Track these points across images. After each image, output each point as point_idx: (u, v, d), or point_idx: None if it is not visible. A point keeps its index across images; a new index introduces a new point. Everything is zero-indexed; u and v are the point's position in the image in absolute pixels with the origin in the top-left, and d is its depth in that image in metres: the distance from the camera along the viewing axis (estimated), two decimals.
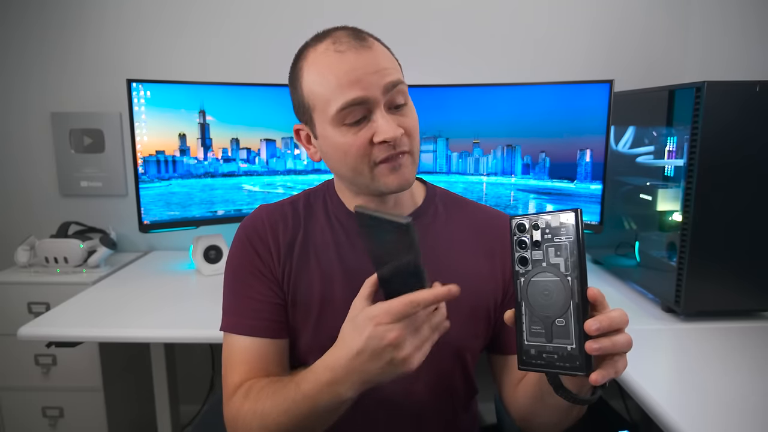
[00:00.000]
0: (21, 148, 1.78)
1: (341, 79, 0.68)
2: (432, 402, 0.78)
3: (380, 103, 0.69)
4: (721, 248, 1.15)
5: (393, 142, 0.69)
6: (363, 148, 0.70)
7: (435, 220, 0.81)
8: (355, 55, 0.68)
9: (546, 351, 0.54)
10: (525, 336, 0.56)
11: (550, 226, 0.55)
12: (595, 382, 0.52)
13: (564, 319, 0.53)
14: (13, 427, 1.53)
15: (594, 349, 0.51)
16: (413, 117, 0.73)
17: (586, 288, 0.53)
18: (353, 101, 0.68)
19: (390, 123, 0.69)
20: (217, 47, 1.75)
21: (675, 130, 1.24)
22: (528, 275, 0.56)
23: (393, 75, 0.70)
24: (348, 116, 0.69)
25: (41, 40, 1.73)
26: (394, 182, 0.72)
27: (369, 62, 0.68)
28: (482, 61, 1.74)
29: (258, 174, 1.59)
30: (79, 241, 1.59)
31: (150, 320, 1.21)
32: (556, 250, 0.54)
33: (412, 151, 0.73)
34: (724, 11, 1.60)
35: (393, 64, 0.72)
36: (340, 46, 0.69)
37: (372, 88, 0.68)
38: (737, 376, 0.95)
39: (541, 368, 0.55)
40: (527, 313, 0.56)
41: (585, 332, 0.52)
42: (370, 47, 0.70)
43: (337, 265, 0.77)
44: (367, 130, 0.69)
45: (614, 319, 0.52)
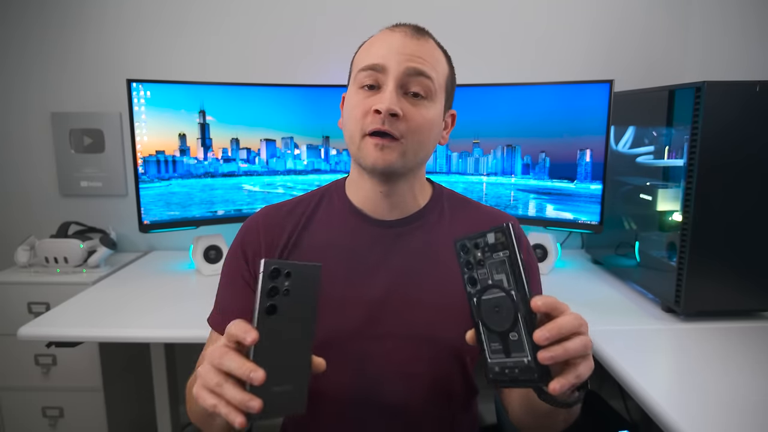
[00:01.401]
0: (21, 148, 1.78)
1: (376, 46, 0.74)
2: (431, 403, 0.78)
3: (394, 78, 0.71)
4: (721, 248, 1.15)
5: (383, 116, 0.70)
6: (363, 113, 0.72)
7: (440, 221, 0.81)
8: (402, 37, 0.73)
9: (507, 366, 0.54)
10: (487, 354, 0.56)
11: (487, 243, 0.55)
12: (554, 392, 0.51)
13: (516, 333, 0.53)
14: (13, 427, 1.53)
15: (546, 359, 0.51)
16: (424, 115, 0.73)
17: (530, 299, 0.53)
18: (370, 65, 0.72)
19: (392, 98, 0.70)
20: (217, 47, 1.75)
21: (675, 130, 1.24)
22: (478, 294, 0.56)
23: (422, 65, 0.72)
24: (365, 78, 0.73)
25: (41, 39, 1.73)
26: (370, 157, 0.72)
27: (407, 46, 0.72)
28: (482, 61, 1.74)
29: (258, 174, 1.59)
30: (79, 241, 1.59)
31: (150, 320, 1.21)
32: (497, 267, 0.55)
33: (405, 140, 0.72)
34: (724, 11, 1.60)
35: (433, 61, 0.74)
36: (396, 28, 0.75)
37: (393, 63, 0.71)
38: (737, 376, 0.95)
39: (507, 384, 0.55)
40: (485, 331, 0.56)
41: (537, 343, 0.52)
42: (419, 40, 0.74)
43: (334, 264, 0.77)
44: (373, 99, 0.72)
45: (563, 326, 0.52)
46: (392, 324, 0.75)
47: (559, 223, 1.49)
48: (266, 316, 0.53)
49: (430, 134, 0.75)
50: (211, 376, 0.52)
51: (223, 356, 0.52)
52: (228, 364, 0.51)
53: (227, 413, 0.50)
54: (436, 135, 0.78)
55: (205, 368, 0.53)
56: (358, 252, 0.78)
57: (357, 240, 0.79)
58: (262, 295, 0.53)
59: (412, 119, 0.72)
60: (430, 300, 0.76)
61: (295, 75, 1.73)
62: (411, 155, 0.74)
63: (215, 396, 0.52)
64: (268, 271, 0.53)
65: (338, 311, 0.75)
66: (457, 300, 0.76)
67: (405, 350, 0.75)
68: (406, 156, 0.73)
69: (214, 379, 0.52)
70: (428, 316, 0.75)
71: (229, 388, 0.51)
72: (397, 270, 0.77)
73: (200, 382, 0.53)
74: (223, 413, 0.51)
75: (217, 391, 0.52)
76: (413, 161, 0.75)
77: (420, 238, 0.79)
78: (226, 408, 0.51)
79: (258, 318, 0.53)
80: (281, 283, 0.54)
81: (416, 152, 0.74)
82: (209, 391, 0.52)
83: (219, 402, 0.51)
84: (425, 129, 0.73)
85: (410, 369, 0.75)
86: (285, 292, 0.54)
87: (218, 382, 0.51)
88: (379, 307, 0.75)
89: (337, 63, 1.73)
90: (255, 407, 0.49)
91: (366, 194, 0.80)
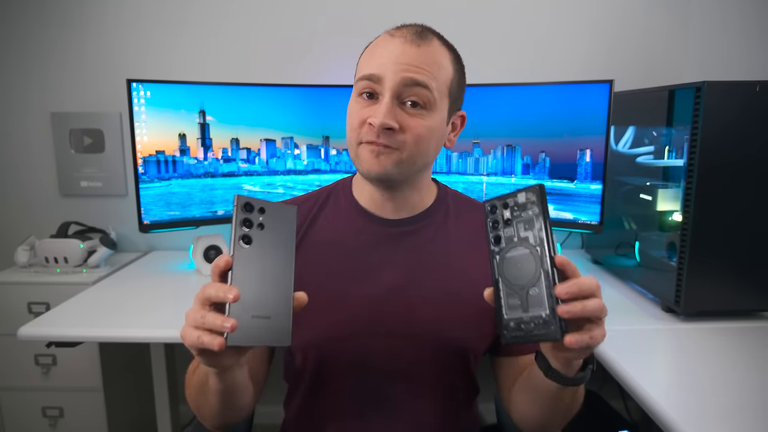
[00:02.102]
0: (21, 148, 1.78)
1: (375, 54, 0.73)
2: (433, 401, 0.78)
3: (390, 89, 0.70)
4: (721, 248, 1.15)
5: (377, 131, 0.70)
6: (360, 122, 0.72)
7: (445, 221, 0.82)
8: (401, 44, 0.72)
9: (523, 321, 0.56)
10: (504, 311, 0.58)
11: (517, 203, 0.58)
12: (569, 344, 0.53)
13: (537, 288, 0.55)
14: (13, 427, 1.53)
15: (565, 312, 0.52)
16: (423, 124, 0.72)
17: (555, 256, 0.55)
18: (368, 75, 0.72)
19: (385, 111, 0.70)
20: (217, 47, 1.75)
21: (675, 130, 1.24)
22: (502, 252, 0.58)
23: (418, 75, 0.70)
24: (362, 88, 0.72)
25: (41, 39, 1.73)
26: (366, 164, 0.72)
27: (405, 54, 0.71)
28: (482, 61, 1.74)
29: (258, 174, 1.59)
30: (79, 241, 1.59)
31: (150, 320, 1.21)
32: (525, 224, 0.57)
33: (402, 150, 0.71)
34: (724, 11, 1.60)
35: (434, 68, 0.72)
36: (396, 33, 0.73)
37: (389, 73, 0.70)
38: (737, 376, 0.95)
39: (521, 339, 0.57)
40: (504, 288, 0.58)
41: (557, 297, 0.54)
42: (420, 46, 0.72)
43: (339, 262, 0.77)
44: (370, 110, 0.72)
45: (584, 284, 0.54)
46: (396, 322, 0.75)
47: (559, 223, 1.49)
48: (241, 245, 0.56)
49: (429, 143, 0.74)
50: (197, 312, 0.55)
51: (205, 286, 0.56)
52: (207, 291, 0.55)
53: (209, 341, 0.53)
54: (438, 141, 0.77)
55: (191, 308, 0.56)
56: (363, 250, 0.78)
57: (362, 238, 0.79)
58: (236, 224, 0.56)
59: (409, 130, 0.71)
60: (434, 299, 0.76)
61: (296, 75, 1.73)
62: (408, 164, 0.73)
63: (198, 329, 0.55)
64: (241, 204, 0.56)
65: (342, 309, 0.75)
66: (461, 299, 0.76)
67: (408, 348, 0.75)
68: (402, 164, 0.72)
69: (199, 313, 0.55)
70: (432, 315, 0.75)
71: (210, 315, 0.54)
72: (402, 269, 0.77)
73: (186, 323, 0.56)
74: (206, 342, 0.53)
75: (200, 324, 0.54)
76: (410, 169, 0.74)
77: (425, 237, 0.79)
78: (208, 336, 0.53)
79: (233, 247, 0.56)
80: (255, 217, 0.57)
81: (413, 161, 0.73)
82: (193, 327, 0.55)
83: (203, 333, 0.54)
84: (423, 139, 0.72)
85: (413, 367, 0.75)
86: (260, 226, 0.57)
87: (202, 314, 0.54)
88: (383, 305, 0.75)
89: (338, 63, 1.73)
90: (228, 326, 0.52)
91: (371, 195, 0.80)
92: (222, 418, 0.71)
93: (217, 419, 0.71)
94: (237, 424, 0.77)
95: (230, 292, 0.53)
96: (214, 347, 0.53)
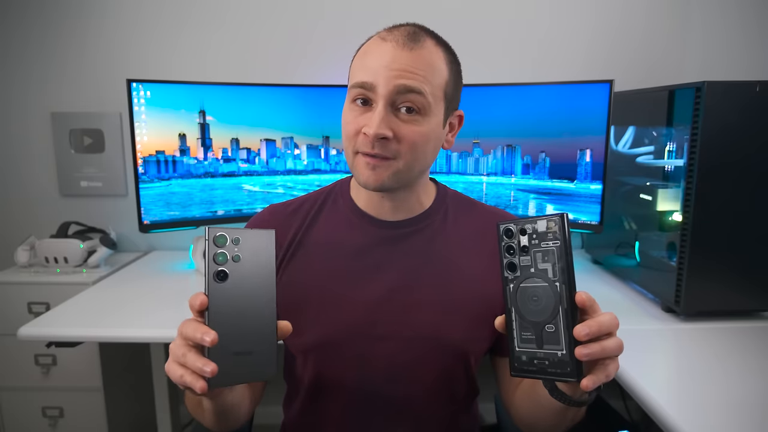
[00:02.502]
0: (21, 148, 1.78)
1: (367, 60, 0.71)
2: (433, 403, 0.78)
3: (383, 97, 0.69)
4: (721, 248, 1.15)
5: (371, 141, 0.69)
6: (355, 132, 0.71)
7: (444, 222, 0.81)
8: (392, 49, 0.70)
9: (537, 357, 0.54)
10: (516, 342, 0.56)
11: (537, 231, 0.54)
12: (586, 388, 0.51)
13: (554, 325, 0.53)
14: (13, 427, 1.53)
15: (584, 355, 0.51)
16: (418, 131, 0.70)
17: (575, 293, 0.53)
18: (358, 83, 0.70)
19: (379, 120, 0.68)
20: (217, 47, 1.75)
21: (675, 130, 1.24)
22: (516, 281, 0.56)
23: (411, 81, 0.68)
24: (356, 95, 0.71)
25: (41, 39, 1.73)
26: (362, 177, 0.72)
27: (396, 60, 0.69)
28: (482, 61, 1.74)
29: (258, 174, 1.59)
30: (79, 241, 1.59)
31: (150, 320, 1.21)
32: (544, 255, 0.54)
33: (398, 159, 0.71)
34: (724, 11, 1.60)
35: (428, 71, 0.70)
36: (388, 36, 0.71)
37: (381, 80, 0.69)
38: (737, 376, 0.95)
39: (532, 374, 0.55)
40: (517, 319, 0.55)
41: (575, 338, 0.52)
42: (412, 49, 0.69)
43: (337, 264, 0.77)
44: (365, 118, 0.71)
45: (603, 324, 0.52)
46: (395, 324, 0.74)
47: None
48: (216, 282, 0.54)
49: (426, 148, 0.73)
50: (178, 348, 0.54)
51: (182, 325, 0.54)
52: (185, 331, 0.53)
53: (190, 381, 0.52)
54: (435, 144, 0.76)
55: (174, 343, 0.55)
56: (361, 252, 0.78)
57: (360, 240, 0.78)
58: (208, 260, 0.54)
59: (404, 138, 0.70)
60: (433, 301, 0.75)
61: (296, 75, 1.73)
62: (405, 172, 0.72)
63: (181, 367, 0.54)
64: (213, 237, 0.54)
65: (340, 311, 0.75)
66: (461, 300, 0.76)
67: (408, 351, 0.74)
68: (399, 174, 0.72)
69: (180, 351, 0.54)
70: (432, 317, 0.75)
71: (191, 356, 0.53)
72: (401, 271, 0.77)
73: (170, 358, 0.55)
74: (188, 382, 0.52)
75: (181, 362, 0.53)
76: (408, 177, 0.74)
77: (424, 239, 0.79)
78: (189, 376, 0.52)
79: (208, 284, 0.54)
80: (230, 249, 0.54)
81: (411, 168, 0.73)
82: (176, 363, 0.54)
83: (185, 372, 0.53)
84: (419, 145, 0.71)
85: (413, 369, 0.75)
86: (235, 258, 0.54)
87: (183, 352, 0.53)
88: (381, 307, 0.75)
89: (337, 63, 1.73)
90: (208, 371, 0.51)
91: (369, 197, 0.80)
92: (220, 428, 0.72)
93: (215, 429, 0.72)
94: None
95: (207, 335, 0.51)
96: (196, 390, 0.52)
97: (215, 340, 0.51)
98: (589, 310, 0.53)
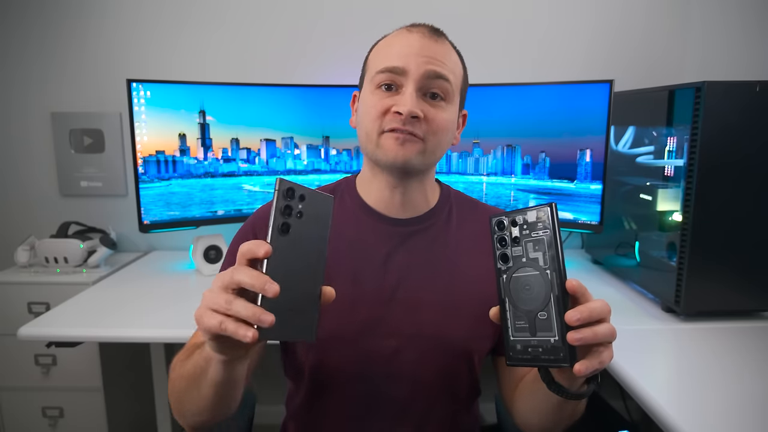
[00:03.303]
0: (21, 148, 1.78)
1: (394, 47, 0.75)
2: (436, 402, 0.78)
3: (414, 80, 0.72)
4: (721, 248, 1.15)
5: (404, 118, 0.71)
6: (382, 112, 0.73)
7: (448, 222, 0.82)
8: (420, 38, 0.74)
9: (531, 345, 0.55)
10: (510, 332, 0.56)
11: (527, 221, 0.56)
12: (578, 373, 0.52)
13: (546, 312, 0.54)
14: (13, 427, 1.53)
15: (575, 339, 0.52)
16: (444, 116, 0.74)
17: (566, 280, 0.54)
18: (390, 67, 0.73)
19: (413, 100, 0.71)
20: (217, 47, 1.75)
21: (675, 130, 1.24)
22: (509, 271, 0.57)
23: (441, 68, 0.73)
24: (383, 80, 0.73)
25: (41, 39, 1.73)
26: (391, 152, 0.73)
27: (426, 48, 0.73)
28: (482, 61, 1.74)
29: (258, 174, 1.59)
30: (79, 241, 1.59)
31: (150, 320, 1.21)
32: (534, 245, 0.55)
33: (426, 140, 0.73)
34: (724, 11, 1.60)
35: (451, 65, 0.75)
36: (414, 28, 0.75)
37: (412, 65, 0.72)
38: (737, 376, 0.95)
39: (527, 363, 0.55)
40: (511, 309, 0.56)
41: (566, 324, 0.52)
42: (437, 41, 0.74)
43: (344, 261, 0.77)
44: (392, 99, 0.73)
45: (594, 310, 0.53)
46: (400, 323, 0.75)
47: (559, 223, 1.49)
48: (279, 234, 0.52)
49: (447, 135, 0.76)
50: (219, 295, 0.51)
51: (235, 271, 0.50)
52: (240, 277, 0.50)
53: (236, 329, 0.49)
54: (451, 135, 0.79)
55: (212, 291, 0.52)
56: (367, 250, 0.78)
57: (367, 238, 0.79)
58: (276, 212, 0.52)
59: (433, 120, 0.73)
60: (438, 299, 0.76)
61: (296, 75, 1.73)
62: (430, 154, 0.75)
63: (221, 315, 0.50)
64: (284, 189, 0.53)
65: (346, 308, 0.75)
66: (465, 300, 0.76)
67: (412, 349, 0.75)
68: (425, 154, 0.74)
69: (223, 297, 0.50)
70: (434, 316, 0.75)
71: (240, 302, 0.50)
72: (406, 269, 0.77)
73: (204, 304, 0.52)
74: (231, 330, 0.49)
75: (224, 309, 0.50)
76: (431, 160, 0.76)
77: (429, 237, 0.80)
78: (234, 324, 0.49)
79: (272, 235, 0.52)
80: (295, 204, 0.54)
81: (434, 151, 0.76)
82: (214, 311, 0.51)
83: (226, 319, 0.50)
84: (444, 130, 0.75)
85: (417, 368, 0.75)
86: (298, 214, 0.54)
87: (227, 299, 0.50)
88: (386, 305, 0.75)
89: (337, 63, 1.73)
90: (267, 321, 0.48)
91: (378, 193, 0.80)
92: (210, 414, 0.67)
93: (204, 415, 0.67)
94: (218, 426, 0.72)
95: (270, 285, 0.49)
96: (247, 339, 0.48)
97: (278, 291, 0.49)
98: (581, 297, 0.54)
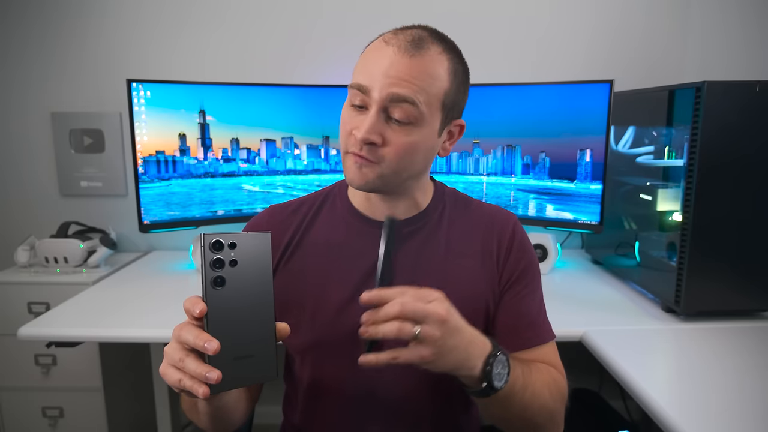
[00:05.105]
0: (21, 148, 1.78)
1: (368, 62, 0.71)
2: (432, 403, 0.78)
3: (376, 103, 0.69)
4: (721, 248, 1.15)
5: (360, 144, 0.70)
6: (348, 132, 0.72)
7: (440, 222, 0.81)
8: (392, 54, 0.69)
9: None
10: None
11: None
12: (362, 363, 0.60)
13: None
14: (13, 427, 1.53)
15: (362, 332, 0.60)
16: (407, 141, 0.70)
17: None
18: (357, 85, 0.71)
19: (369, 125, 0.68)
20: (217, 47, 1.75)
21: (675, 130, 1.24)
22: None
23: (404, 89, 0.68)
24: (353, 97, 0.72)
25: (41, 39, 1.73)
26: (349, 175, 0.73)
27: (395, 66, 0.68)
28: (482, 61, 1.73)
29: (258, 174, 1.59)
30: (79, 241, 1.59)
31: (150, 320, 1.21)
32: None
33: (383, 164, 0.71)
34: (724, 11, 1.60)
35: (425, 81, 0.69)
36: (392, 40, 0.70)
37: (376, 86, 0.68)
38: (737, 376, 0.95)
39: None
40: None
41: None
42: (413, 56, 0.68)
43: (335, 265, 0.77)
44: (358, 120, 0.71)
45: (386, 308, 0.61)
46: None
47: (559, 223, 1.49)
48: (213, 288, 0.54)
49: (414, 157, 0.72)
50: (175, 352, 0.55)
51: (182, 329, 0.55)
52: (185, 337, 0.54)
53: (191, 386, 0.53)
54: (427, 153, 0.75)
55: (171, 346, 0.56)
56: (358, 253, 0.78)
57: (358, 241, 0.78)
58: (205, 267, 0.54)
59: (392, 145, 0.70)
60: None
61: (295, 75, 1.73)
62: (390, 176, 0.72)
63: (179, 371, 0.54)
64: (209, 243, 0.54)
65: (338, 312, 0.75)
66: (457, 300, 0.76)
67: None
68: (384, 177, 0.72)
69: (177, 355, 0.54)
70: None
71: (190, 361, 0.53)
72: (398, 271, 0.77)
73: (165, 361, 0.56)
74: (187, 386, 0.53)
75: (179, 366, 0.54)
76: (395, 181, 0.73)
77: (420, 239, 0.79)
78: (190, 381, 0.53)
79: (205, 291, 0.54)
80: (226, 254, 0.55)
81: (397, 174, 0.72)
82: (173, 367, 0.55)
83: (183, 376, 0.54)
84: (407, 154, 0.71)
85: (412, 369, 0.75)
86: (232, 263, 0.55)
87: (180, 357, 0.54)
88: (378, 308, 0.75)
89: (337, 63, 1.73)
90: (213, 378, 0.52)
91: (364, 198, 0.80)
92: (215, 430, 0.72)
93: (210, 430, 0.72)
94: None
95: (209, 343, 0.52)
96: (198, 395, 0.53)
97: (218, 348, 0.52)
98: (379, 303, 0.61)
